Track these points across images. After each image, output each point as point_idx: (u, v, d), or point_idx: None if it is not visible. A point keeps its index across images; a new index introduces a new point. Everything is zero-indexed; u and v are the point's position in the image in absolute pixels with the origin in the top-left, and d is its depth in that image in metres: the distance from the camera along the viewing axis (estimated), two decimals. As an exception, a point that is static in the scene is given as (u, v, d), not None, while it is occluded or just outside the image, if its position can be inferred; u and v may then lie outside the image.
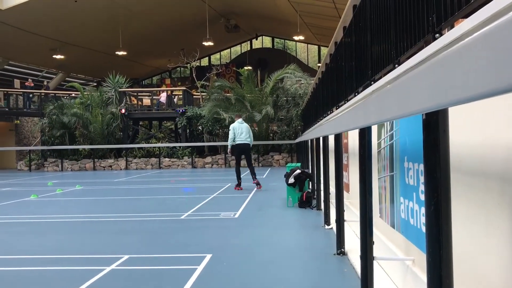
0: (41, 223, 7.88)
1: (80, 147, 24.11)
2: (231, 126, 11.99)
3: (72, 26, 26.55)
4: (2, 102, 27.23)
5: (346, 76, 5.08)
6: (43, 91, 29.69)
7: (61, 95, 28.01)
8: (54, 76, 36.44)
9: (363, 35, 3.87)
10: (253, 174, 12.16)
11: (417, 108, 1.48)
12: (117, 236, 6.63)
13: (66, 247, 5.93)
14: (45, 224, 7.82)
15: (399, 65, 2.62)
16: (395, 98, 1.85)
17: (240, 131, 11.75)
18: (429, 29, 2.04)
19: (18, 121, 28.99)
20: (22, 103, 28.00)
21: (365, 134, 3.27)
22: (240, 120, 12.05)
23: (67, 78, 36.41)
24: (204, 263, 4.81)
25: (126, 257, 5.17)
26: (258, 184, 12.04)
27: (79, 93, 25.28)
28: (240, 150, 11.89)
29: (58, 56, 30.36)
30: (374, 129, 4.22)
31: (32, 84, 29.84)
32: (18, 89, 29.83)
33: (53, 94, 28.86)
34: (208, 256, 5.07)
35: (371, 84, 3.51)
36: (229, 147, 12.01)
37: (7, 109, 27.34)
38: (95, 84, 34.72)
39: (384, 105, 2.05)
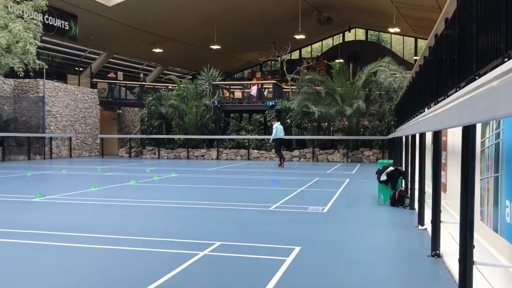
0: (141, 207, 8.41)
1: (176, 136, 25.34)
2: (275, 126, 18.68)
3: (171, 21, 27.89)
4: (106, 93, 29.39)
5: (446, 70, 4.83)
6: (143, 83, 31.56)
7: (159, 87, 29.58)
8: (153, 69, 38.58)
9: (467, 26, 3.66)
10: (282, 158, 18.87)
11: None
12: (209, 223, 6.91)
13: (163, 230, 6.29)
14: (143, 208, 8.35)
15: (509, 59, 2.45)
16: (507, 95, 1.74)
17: (280, 130, 18.58)
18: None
19: (120, 111, 31.11)
20: (124, 94, 30.00)
21: (469, 132, 3.10)
22: (278, 123, 19.08)
23: (164, 71, 38.38)
24: (293, 255, 4.86)
25: (218, 243, 5.38)
26: (281, 164, 18.45)
27: (176, 85, 26.49)
28: (280, 142, 18.85)
29: (157, 50, 32.09)
30: (478, 127, 3.98)
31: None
32: (121, 81, 31.96)
33: (152, 86, 30.58)
34: (297, 249, 5.12)
35: (475, 79, 3.32)
36: (272, 138, 18.94)
37: (111, 100, 29.47)
38: (191, 77, 36.19)
39: (495, 102, 1.93)
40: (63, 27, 24.84)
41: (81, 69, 31.55)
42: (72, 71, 30.05)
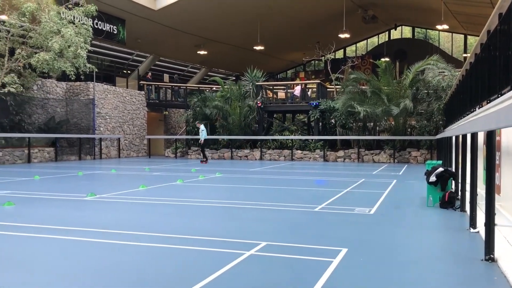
0: (187, 206, 8.55)
1: (220, 137, 25.62)
2: (202, 127, 21.51)
3: (215, 24, 28.23)
4: (153, 95, 30.10)
5: (500, 67, 4.65)
6: (188, 85, 32.09)
7: (204, 88, 30.00)
8: (197, 71, 39.17)
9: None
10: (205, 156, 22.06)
11: None
12: (255, 223, 6.94)
13: (209, 230, 6.37)
14: (190, 207, 8.49)
15: None
16: None
17: (206, 130, 21.85)
18: None
19: (167, 112, 31.76)
20: (170, 96, 30.61)
21: (527, 132, 2.97)
22: (203, 124, 22.04)
23: (209, 73, 38.90)
24: (340, 257, 4.81)
25: (263, 243, 5.39)
26: (204, 162, 21.28)
27: (220, 86, 26.78)
28: (206, 141, 22.19)
29: (202, 52, 32.56)
30: (536, 126, 3.80)
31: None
32: (167, 83, 32.61)
33: (196, 88, 31.06)
34: (344, 251, 5.06)
35: (534, 76, 3.18)
36: (204, 138, 21.32)
37: (157, 101, 30.15)
38: (234, 78, 36.49)
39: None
40: (111, 31, 25.65)
41: (128, 71, 32.46)
42: (120, 74, 30.98)
